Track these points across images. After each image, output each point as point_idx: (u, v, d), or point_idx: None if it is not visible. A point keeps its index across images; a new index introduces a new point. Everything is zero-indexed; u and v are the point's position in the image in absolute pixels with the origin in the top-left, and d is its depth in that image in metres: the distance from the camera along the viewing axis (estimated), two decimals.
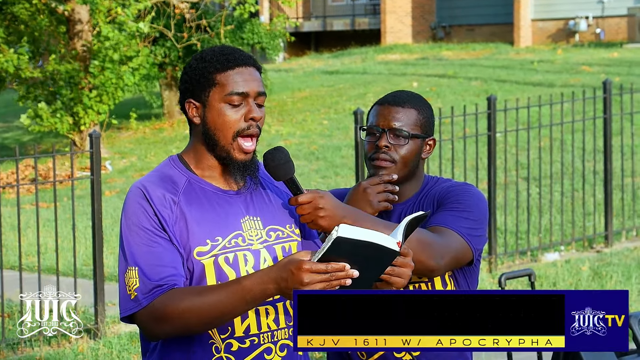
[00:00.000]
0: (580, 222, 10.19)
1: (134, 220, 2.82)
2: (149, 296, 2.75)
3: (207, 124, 2.88)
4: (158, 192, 2.83)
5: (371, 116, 3.33)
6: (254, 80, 2.88)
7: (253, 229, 2.89)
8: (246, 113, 2.87)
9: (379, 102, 3.34)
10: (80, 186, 13.98)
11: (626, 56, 20.75)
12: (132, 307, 2.78)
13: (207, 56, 2.90)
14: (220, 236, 2.83)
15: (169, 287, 2.76)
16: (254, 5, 17.63)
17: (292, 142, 15.97)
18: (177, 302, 2.72)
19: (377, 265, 2.63)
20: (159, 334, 2.79)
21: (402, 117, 3.29)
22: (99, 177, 7.59)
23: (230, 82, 2.86)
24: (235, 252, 2.84)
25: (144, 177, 2.92)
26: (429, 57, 23.71)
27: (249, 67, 2.89)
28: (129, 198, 2.86)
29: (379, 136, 3.28)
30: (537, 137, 12.15)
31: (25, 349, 7.32)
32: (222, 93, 2.86)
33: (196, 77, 2.89)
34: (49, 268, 9.17)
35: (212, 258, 2.81)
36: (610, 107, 9.98)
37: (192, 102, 2.91)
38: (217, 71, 2.87)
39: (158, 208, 2.81)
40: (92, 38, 16.53)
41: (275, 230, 2.93)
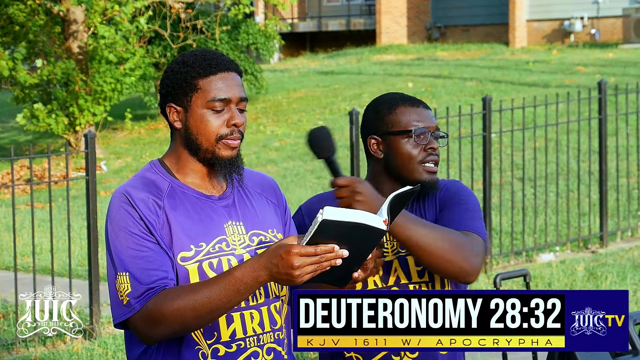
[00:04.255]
0: (575, 223, 10.19)
1: (120, 225, 2.81)
2: (141, 300, 2.76)
3: (189, 129, 2.86)
4: (142, 196, 2.82)
5: (407, 118, 3.13)
6: (237, 86, 2.86)
7: (236, 234, 2.88)
8: (228, 119, 2.84)
9: (410, 103, 3.16)
10: (75, 186, 13.96)
11: (621, 57, 20.77)
12: (125, 313, 2.78)
13: (189, 60, 2.87)
14: (204, 242, 2.83)
15: (160, 289, 2.76)
16: (248, 7, 17.63)
17: (287, 142, 15.95)
18: (170, 302, 2.72)
19: (365, 245, 2.64)
20: (155, 336, 2.78)
21: (435, 119, 3.23)
22: (94, 178, 7.57)
23: (212, 88, 2.83)
24: (219, 257, 2.83)
25: (127, 182, 2.90)
26: (424, 58, 23.72)
27: (231, 72, 2.87)
28: (113, 204, 2.84)
29: (425, 138, 3.14)
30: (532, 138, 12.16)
31: (20, 350, 7.30)
32: (204, 99, 2.83)
33: (178, 81, 2.86)
34: (44, 268, 9.16)
35: (197, 264, 2.81)
36: (606, 107, 9.99)
37: (173, 107, 2.88)
38: (199, 76, 2.84)
39: (143, 212, 2.80)
40: (87, 39, 16.52)
41: (258, 235, 2.92)
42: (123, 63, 16.50)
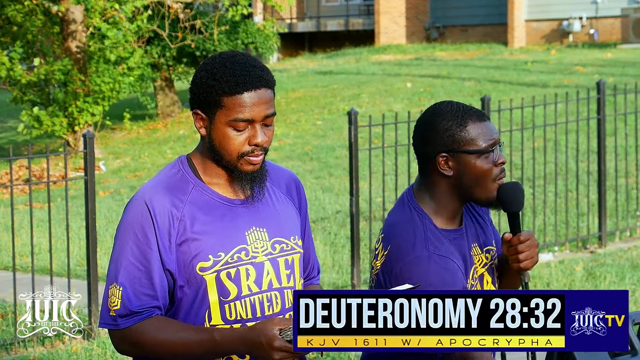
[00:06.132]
0: (574, 223, 10.19)
1: (131, 235, 2.82)
2: (127, 321, 2.81)
3: (213, 140, 2.85)
4: (163, 207, 2.82)
5: (479, 134, 2.99)
6: (263, 104, 2.81)
7: (259, 241, 2.89)
8: (250, 138, 2.82)
9: (477, 118, 3.01)
10: (74, 187, 13.95)
11: (620, 57, 20.77)
12: (110, 324, 2.84)
13: (217, 73, 2.81)
14: (223, 251, 2.84)
15: (147, 316, 2.81)
16: (246, 7, 17.63)
17: (286, 142, 15.96)
18: (153, 333, 2.79)
19: None
20: (128, 354, 2.87)
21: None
22: (92, 178, 7.57)
23: (236, 107, 2.79)
24: (237, 267, 2.85)
25: (151, 184, 2.89)
26: (423, 58, 23.72)
27: (259, 90, 2.81)
28: (133, 209, 2.84)
29: (495, 152, 3.01)
30: (531, 138, 12.16)
31: (19, 350, 7.30)
32: (228, 117, 2.80)
33: (203, 93, 2.83)
34: (43, 268, 9.15)
35: (215, 274, 2.83)
36: (604, 107, 9.98)
37: (199, 114, 2.86)
38: (224, 94, 2.80)
39: (159, 227, 2.80)
40: (86, 39, 16.51)
41: (280, 242, 2.93)
42: (121, 63, 16.49)
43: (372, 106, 17.62)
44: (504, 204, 2.97)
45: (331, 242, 10.22)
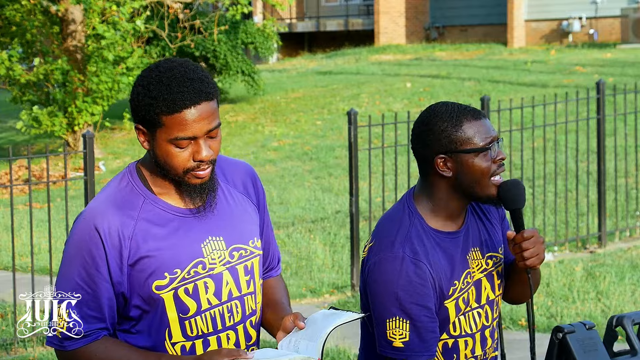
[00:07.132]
0: (573, 223, 10.20)
1: (78, 257, 2.74)
2: (73, 344, 2.76)
3: (157, 155, 2.74)
4: (113, 227, 2.72)
5: (475, 133, 2.99)
6: (204, 119, 2.69)
7: (216, 251, 2.81)
8: (194, 154, 2.71)
9: (472, 116, 3.01)
10: (73, 187, 13.96)
11: (619, 57, 20.77)
12: (56, 344, 2.79)
13: (154, 90, 2.69)
14: (179, 268, 2.75)
15: (94, 339, 2.75)
16: (246, 7, 17.62)
17: (285, 142, 15.95)
18: (99, 355, 2.73)
19: None
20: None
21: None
22: (92, 178, 7.57)
23: (176, 126, 2.68)
24: (195, 281, 2.77)
25: (99, 200, 2.79)
26: (423, 58, 23.72)
27: (198, 105, 2.68)
28: (81, 230, 2.75)
29: (493, 150, 3.00)
30: (531, 138, 12.16)
31: (18, 350, 7.30)
32: (169, 136, 2.69)
33: (142, 111, 2.71)
34: (43, 268, 9.15)
35: (172, 291, 2.75)
36: (604, 107, 9.98)
37: (140, 129, 2.75)
38: (162, 113, 2.68)
39: (110, 247, 2.72)
40: (85, 39, 16.50)
41: (239, 249, 2.85)
42: (120, 63, 16.48)
43: (372, 106, 17.63)
44: (506, 201, 2.96)
45: (331, 242, 10.22)
